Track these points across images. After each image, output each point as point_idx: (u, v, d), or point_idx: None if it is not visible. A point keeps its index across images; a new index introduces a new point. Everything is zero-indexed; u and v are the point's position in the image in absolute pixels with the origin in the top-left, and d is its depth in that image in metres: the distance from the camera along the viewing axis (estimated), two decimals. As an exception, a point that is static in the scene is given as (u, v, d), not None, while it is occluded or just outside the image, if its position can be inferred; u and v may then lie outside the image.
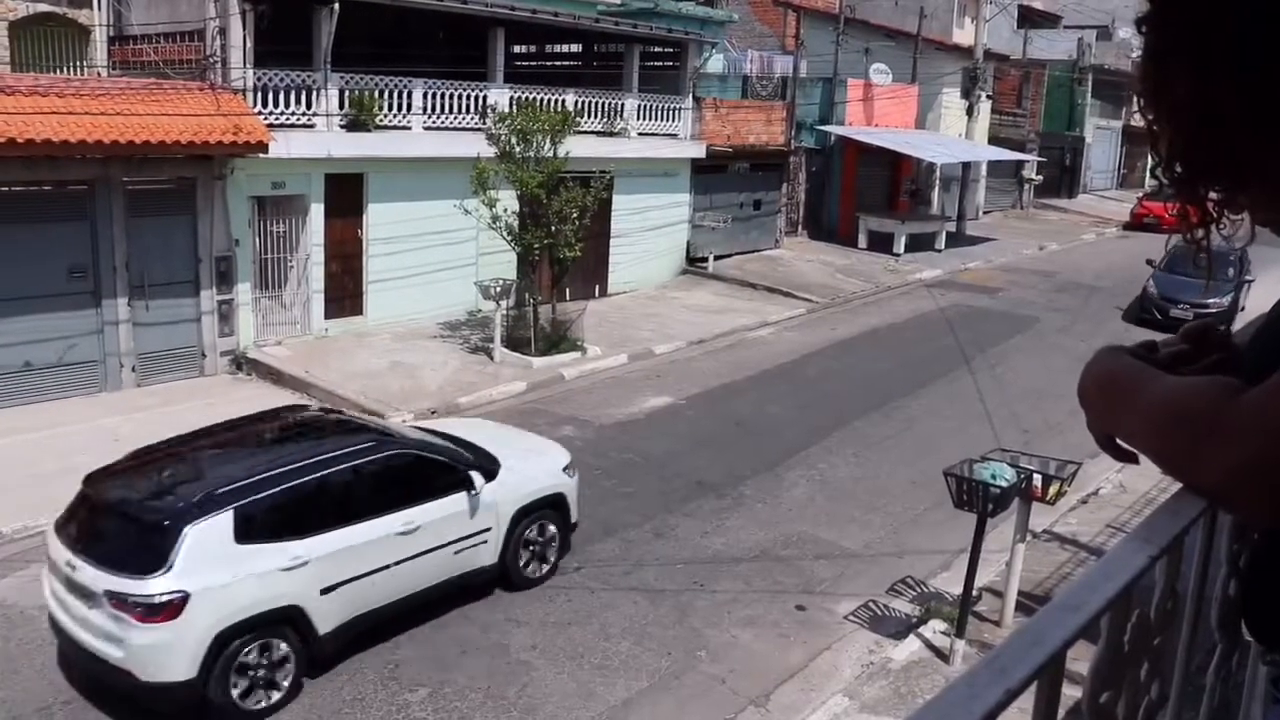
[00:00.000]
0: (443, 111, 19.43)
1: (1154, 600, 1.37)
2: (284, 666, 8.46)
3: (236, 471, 8.76)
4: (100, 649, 7.93)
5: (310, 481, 8.86)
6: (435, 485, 9.63)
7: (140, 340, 15.65)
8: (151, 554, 7.93)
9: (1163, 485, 13.41)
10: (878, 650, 9.72)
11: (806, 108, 30.48)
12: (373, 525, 9.03)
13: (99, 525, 8.51)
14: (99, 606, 7.87)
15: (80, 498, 8.76)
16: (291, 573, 8.41)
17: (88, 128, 14.19)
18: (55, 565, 8.37)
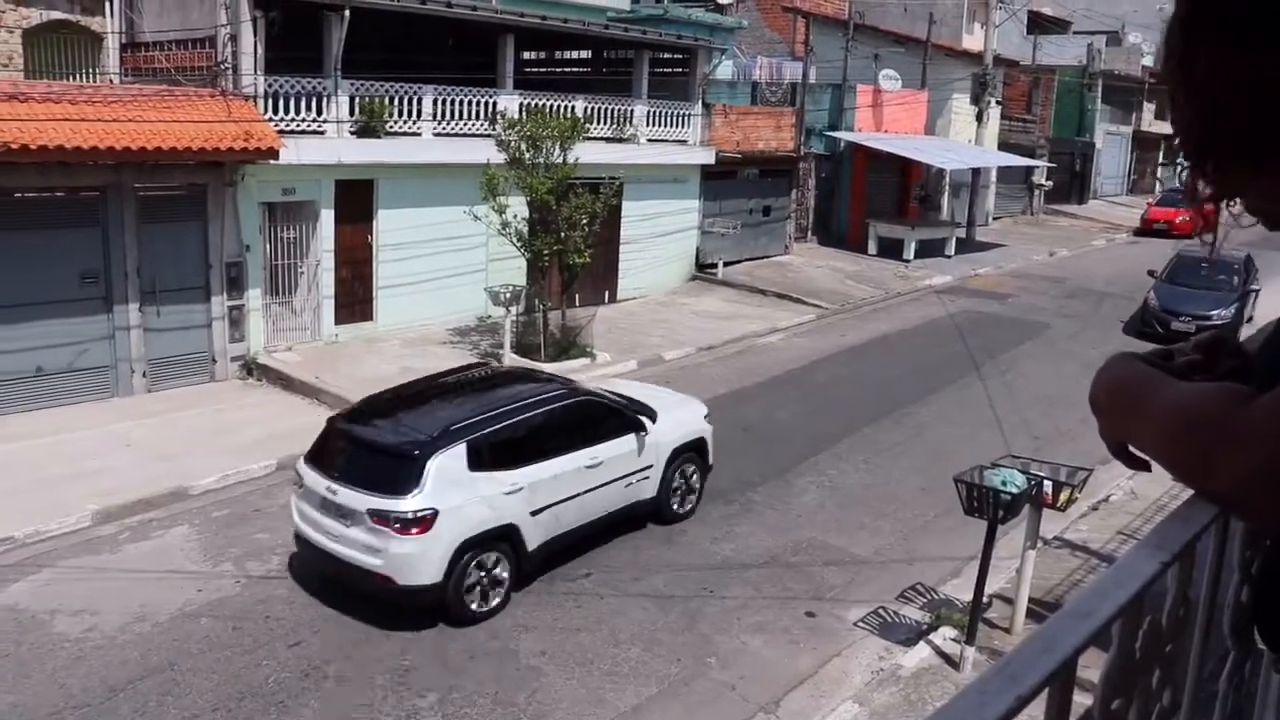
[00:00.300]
0: (453, 118, 19.47)
1: (1166, 607, 1.36)
2: (501, 577, 10.06)
3: (462, 413, 10.51)
4: (360, 559, 9.48)
5: (521, 421, 10.57)
6: (612, 427, 11.36)
7: (151, 346, 15.71)
8: (405, 479, 9.50)
9: (1174, 492, 13.35)
10: (888, 657, 9.69)
11: (816, 114, 30.48)
12: (567, 459, 10.68)
13: (353, 457, 10.02)
14: (360, 524, 9.47)
15: (325, 435, 10.47)
16: (509, 497, 10.05)
17: (100, 134, 14.25)
18: (310, 492, 9.95)
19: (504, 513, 10.02)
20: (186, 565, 10.74)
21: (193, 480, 12.57)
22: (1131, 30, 54.73)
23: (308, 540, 10.06)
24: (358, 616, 9.79)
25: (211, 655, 9.07)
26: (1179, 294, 22.32)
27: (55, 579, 10.34)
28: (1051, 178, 43.59)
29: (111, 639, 9.26)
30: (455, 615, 9.76)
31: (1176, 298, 22.18)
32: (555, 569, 10.87)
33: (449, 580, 9.57)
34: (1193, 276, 23.01)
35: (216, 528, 11.63)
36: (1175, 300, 22.08)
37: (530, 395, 11.07)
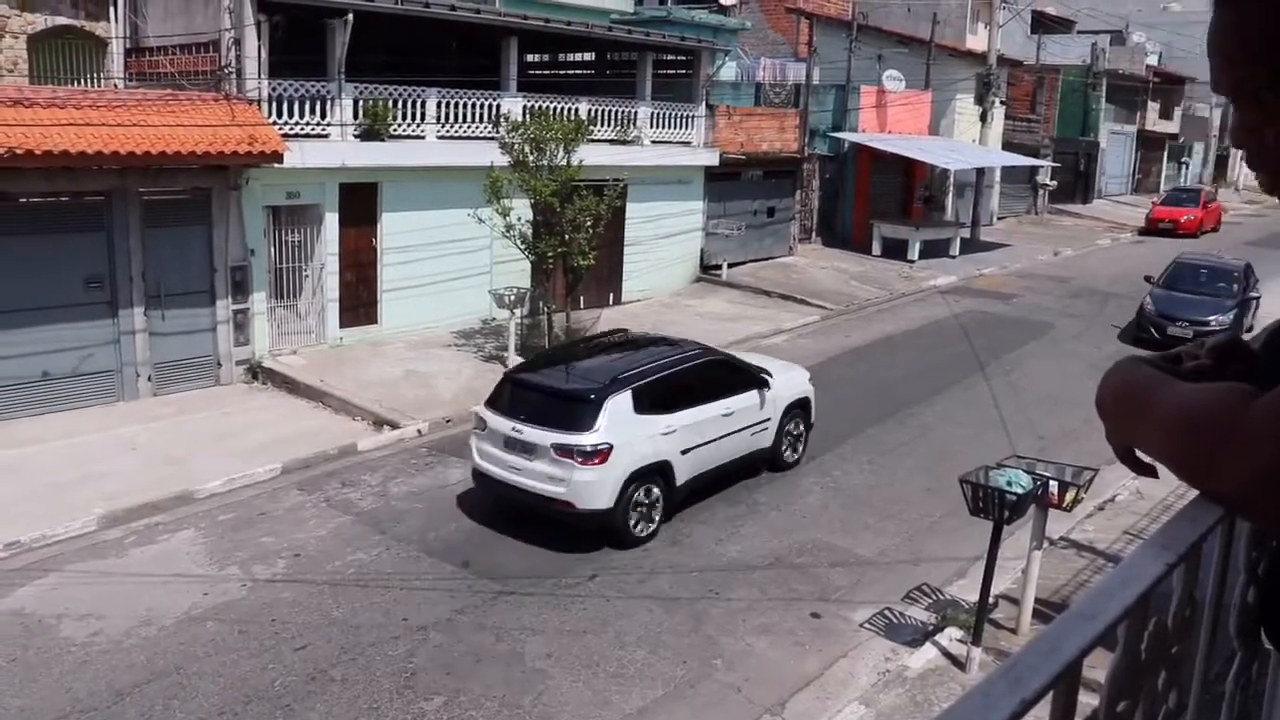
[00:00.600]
0: (456, 121, 19.49)
1: (1172, 608, 1.36)
2: (655, 506, 11.72)
3: (622, 366, 12.32)
4: (544, 489, 11.22)
5: (670, 374, 12.35)
6: (740, 384, 13.06)
7: (156, 350, 15.73)
8: (585, 418, 11.25)
9: (1180, 492, 13.32)
10: (894, 658, 9.68)
11: (820, 115, 30.47)
12: (707, 408, 12.39)
13: (536, 402, 11.70)
14: (544, 457, 11.18)
15: (503, 385, 12.33)
16: (664, 437, 11.78)
17: (105, 139, 14.29)
18: (494, 433, 11.68)
19: (660, 450, 11.76)
20: (192, 569, 10.75)
21: (198, 484, 12.58)
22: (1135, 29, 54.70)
23: (489, 475, 11.81)
24: (363, 619, 9.80)
25: (217, 659, 9.08)
26: (1176, 300, 21.87)
27: (61, 583, 10.35)
28: (1056, 177, 43.55)
29: (118, 643, 9.27)
30: (620, 538, 11.45)
31: (1174, 303, 21.73)
32: (561, 571, 10.88)
33: (618, 506, 11.26)
34: (1191, 282, 22.64)
35: (222, 531, 11.64)
36: (1172, 306, 21.65)
37: (672, 354, 12.98)
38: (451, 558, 11.10)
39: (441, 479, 13.29)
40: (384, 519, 12.05)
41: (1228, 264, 23.64)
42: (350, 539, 11.49)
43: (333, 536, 11.55)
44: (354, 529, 11.76)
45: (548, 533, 11.64)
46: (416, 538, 11.56)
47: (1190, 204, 40.55)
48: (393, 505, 12.47)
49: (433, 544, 11.41)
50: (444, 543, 11.46)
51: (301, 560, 10.96)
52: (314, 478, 13.24)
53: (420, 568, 10.89)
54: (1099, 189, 50.33)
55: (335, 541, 11.42)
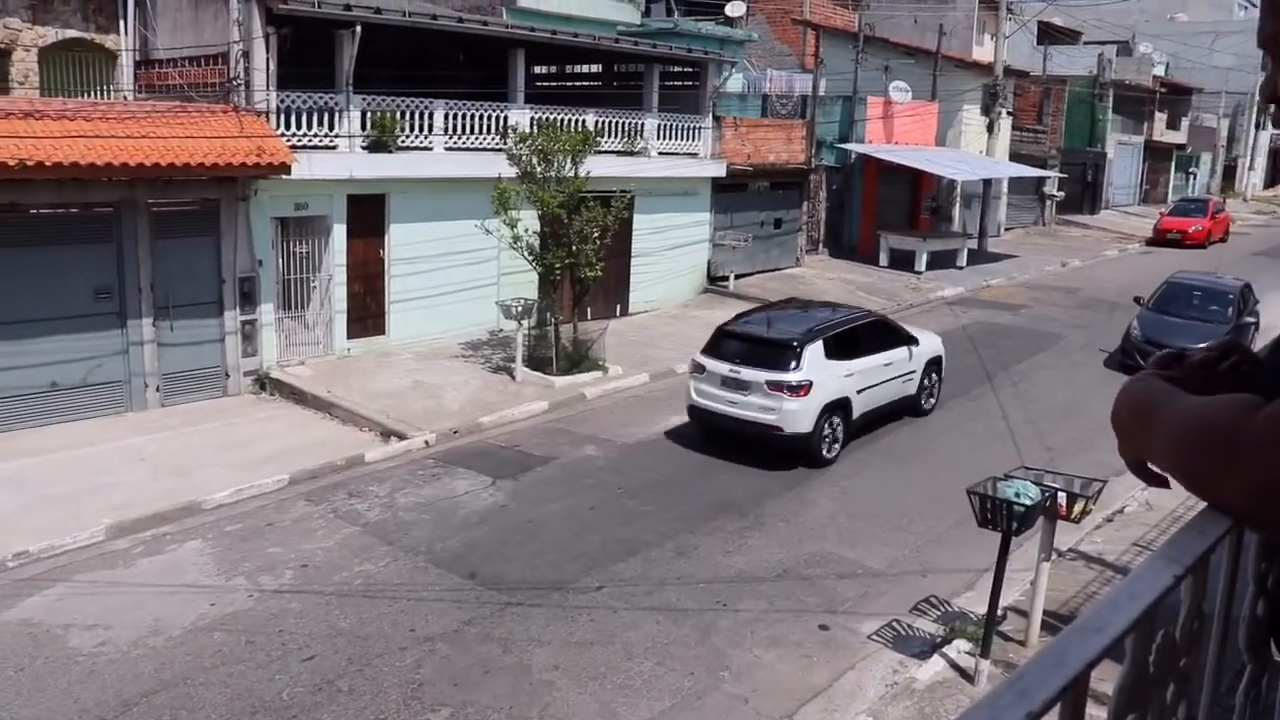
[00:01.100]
0: (464, 132, 19.54)
1: (1180, 620, 1.35)
2: (838, 434, 14.69)
3: (811, 322, 15.44)
4: (758, 417, 14.16)
5: (846, 329, 15.32)
6: (895, 341, 16.06)
7: (165, 360, 15.77)
8: (790, 360, 14.25)
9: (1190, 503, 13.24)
10: (902, 670, 9.65)
11: (826, 126, 30.49)
12: (874, 358, 15.38)
13: (747, 349, 14.69)
14: (757, 392, 14.15)
15: (716, 337, 15.24)
16: (846, 378, 14.74)
17: (114, 150, 14.35)
18: (712, 374, 14.56)
19: (843, 388, 14.68)
20: (200, 579, 10.76)
21: (206, 494, 12.60)
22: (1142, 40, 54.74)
23: (707, 409, 14.74)
24: (370, 630, 9.80)
25: (224, 669, 9.08)
26: (1165, 324, 20.10)
27: (69, 593, 10.37)
28: (1063, 188, 43.51)
29: (125, 653, 9.28)
30: (814, 458, 14.38)
31: (1162, 328, 19.90)
32: (568, 582, 10.87)
33: (815, 431, 14.19)
34: (1183, 305, 20.97)
35: (229, 542, 11.65)
36: (1160, 331, 19.78)
37: (844, 315, 16.19)
38: (458, 569, 11.10)
39: (449, 490, 13.30)
40: (391, 530, 12.06)
41: (1224, 284, 21.89)
42: (357, 550, 11.49)
43: (340, 547, 11.56)
44: (361, 540, 11.77)
45: (553, 541, 11.64)
46: (423, 548, 11.56)
47: (1198, 214, 40.45)
48: (400, 516, 12.48)
49: (440, 555, 11.41)
50: (451, 554, 11.46)
51: (309, 571, 10.96)
52: (321, 488, 13.25)
53: (427, 578, 10.89)
54: (1106, 199, 50.28)
55: (342, 552, 11.43)
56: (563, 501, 13.05)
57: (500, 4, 24.48)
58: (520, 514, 12.63)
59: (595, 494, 13.33)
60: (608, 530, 12.23)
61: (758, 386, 14.13)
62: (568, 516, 12.59)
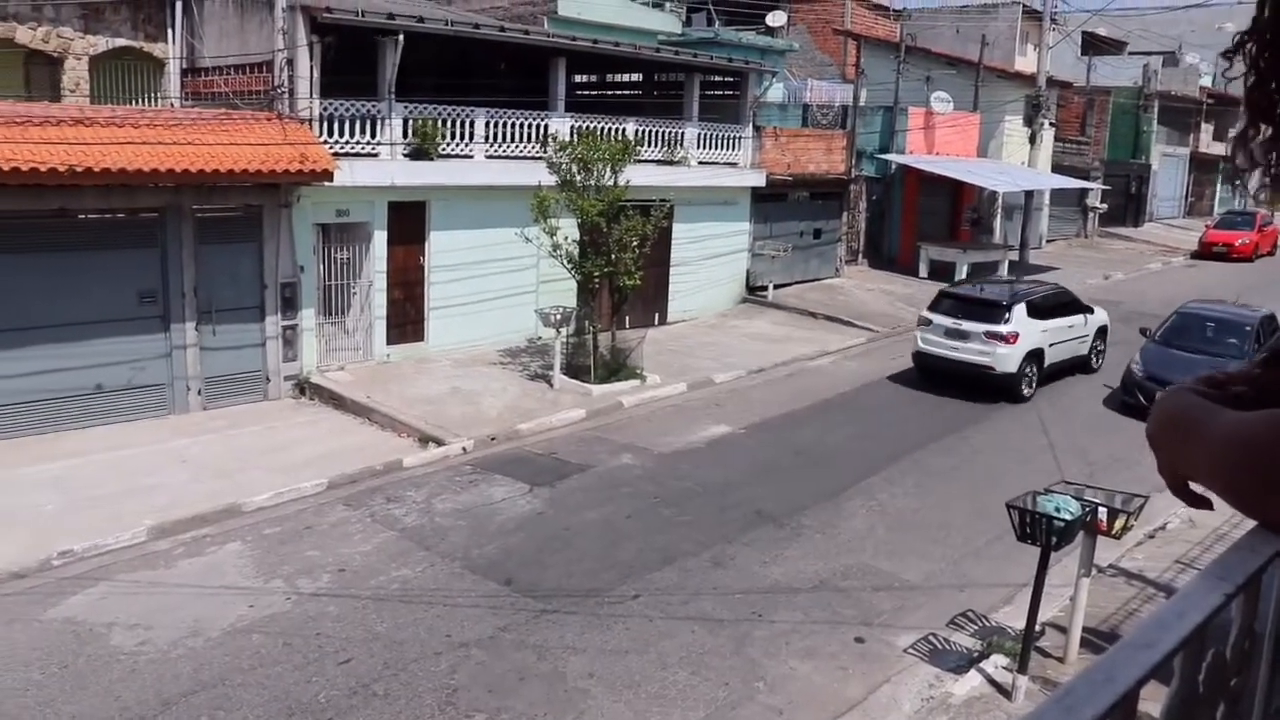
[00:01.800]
0: (504, 140, 19.64)
1: (1230, 640, 1.34)
2: (1033, 378, 18.67)
3: (1015, 289, 19.86)
4: (976, 360, 18.19)
5: (1041, 296, 19.53)
6: (1077, 309, 20.28)
7: (207, 364, 15.95)
8: (1002, 315, 18.29)
9: (1234, 520, 13.08)
10: (938, 684, 9.56)
11: (867, 136, 30.39)
12: (1061, 320, 19.51)
13: (967, 307, 18.87)
14: (976, 340, 18.17)
15: (939, 297, 19.60)
16: (1042, 333, 18.72)
17: (160, 157, 14.55)
18: (937, 326, 18.77)
19: (1040, 341, 18.70)
20: (239, 581, 10.86)
21: (246, 497, 12.73)
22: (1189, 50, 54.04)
23: (932, 354, 18.91)
24: (406, 635, 9.84)
25: (262, 671, 9.15)
26: (1171, 359, 17.91)
27: (111, 592, 10.50)
28: (1106, 200, 43.07)
29: (165, 653, 9.38)
30: (1015, 394, 18.28)
31: (1166, 364, 17.68)
32: (604, 590, 10.87)
33: (1018, 372, 18.21)
34: (1194, 338, 18.81)
35: (269, 545, 11.76)
36: (1165, 367, 17.56)
37: (1040, 286, 20.90)
38: (494, 575, 11.13)
39: (486, 496, 13.35)
40: (428, 535, 12.12)
41: (1242, 315, 19.68)
42: (394, 555, 11.56)
43: (377, 552, 11.63)
44: (398, 545, 11.84)
45: (589, 549, 11.66)
46: (460, 554, 11.60)
47: (1245, 227, 39.86)
48: (437, 522, 12.54)
49: (476, 561, 11.45)
50: (487, 560, 11.49)
51: (346, 575, 11.03)
52: (359, 493, 13.34)
53: (463, 584, 10.93)
54: (1150, 212, 49.71)
55: (379, 557, 11.50)
56: (599, 509, 13.06)
57: (542, 13, 24.59)
58: (557, 521, 12.65)
59: (632, 502, 13.33)
60: (644, 539, 12.22)
61: (976, 335, 18.19)
62: (604, 524, 12.60)
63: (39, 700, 8.58)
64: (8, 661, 9.13)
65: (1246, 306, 20.95)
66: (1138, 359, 18.61)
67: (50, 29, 18.90)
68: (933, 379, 18.99)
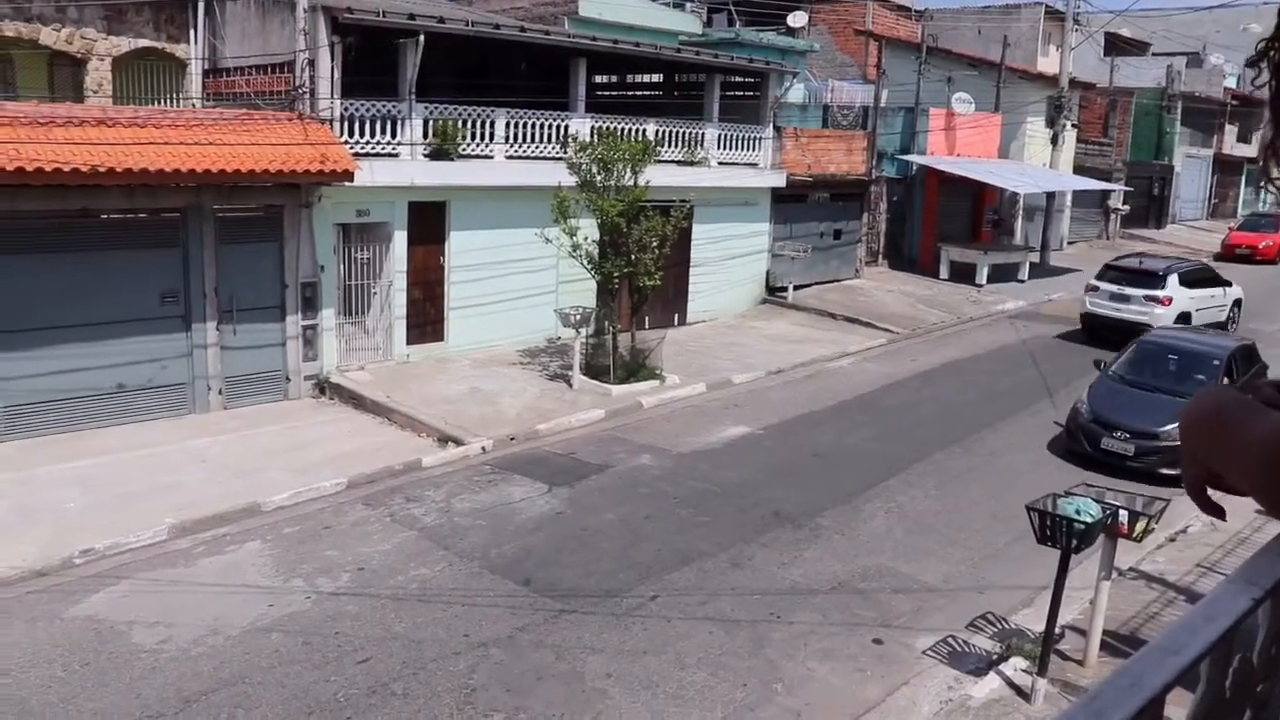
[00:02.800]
0: (525, 141, 19.66)
1: (1257, 645, 1.32)
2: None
3: (1170, 262, 24.66)
4: (1135, 319, 21.87)
5: (1189, 269, 24.44)
6: (1217, 282, 24.78)
7: (227, 364, 16.04)
8: (1160, 283, 22.86)
9: (1257, 524, 13.01)
10: (957, 687, 9.52)
11: (888, 137, 30.31)
12: (1204, 290, 23.97)
13: (1128, 275, 23.23)
14: (1136, 302, 22.62)
15: (1106, 268, 24.09)
16: (1190, 299, 23.10)
17: (182, 157, 14.63)
18: (1103, 290, 23.31)
19: (1188, 306, 23.11)
20: (259, 580, 10.91)
21: (265, 496, 12.78)
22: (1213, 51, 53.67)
23: (1098, 314, 23.43)
24: (425, 634, 9.87)
25: (281, 670, 9.19)
26: (1121, 399, 15.61)
27: (133, 590, 10.57)
28: (1128, 201, 42.82)
29: (185, 651, 9.43)
30: None
31: (1117, 404, 15.46)
32: (622, 591, 10.87)
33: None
34: (1154, 373, 16.36)
35: (288, 544, 11.81)
36: (1114, 408, 15.37)
37: (1185, 261, 26.35)
38: (513, 575, 11.15)
39: (505, 496, 13.37)
40: (447, 535, 12.14)
41: (1212, 347, 17.00)
42: (413, 554, 11.59)
43: (396, 551, 11.66)
44: (417, 544, 11.87)
45: (608, 549, 11.66)
46: (479, 554, 11.62)
47: (1268, 229, 39.58)
48: (455, 522, 12.56)
49: (494, 561, 11.47)
50: (505, 560, 11.51)
51: (365, 574, 11.07)
52: (378, 493, 13.38)
53: (482, 584, 10.95)
54: (1173, 213, 49.40)
55: (398, 556, 11.53)
56: (618, 510, 13.06)
57: (562, 13, 24.63)
58: (575, 521, 12.66)
59: (650, 503, 13.33)
60: (662, 539, 12.22)
61: (1137, 299, 22.60)
62: (623, 525, 12.60)
63: (62, 697, 8.64)
64: (31, 658, 9.20)
65: (1222, 334, 19.47)
66: (1084, 398, 15.97)
67: (74, 30, 19.04)
68: (1098, 335, 23.01)
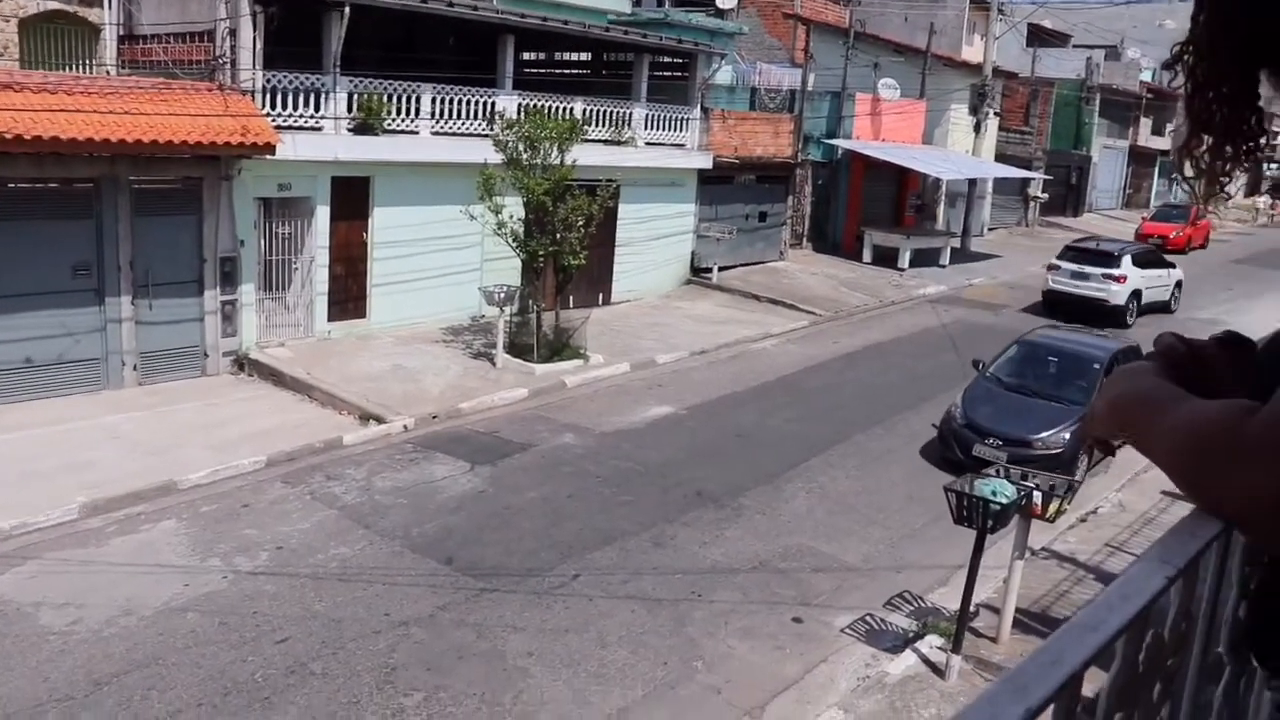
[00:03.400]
0: (451, 117, 19.45)
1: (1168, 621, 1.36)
2: (1133, 310, 25.31)
3: (1122, 246, 27.65)
4: (1093, 295, 24.87)
5: (1140, 252, 27.38)
6: (1163, 264, 27.24)
7: (143, 339, 15.66)
8: (1114, 263, 25.31)
9: (1161, 505, 13.42)
10: (874, 664, 9.70)
11: (814, 121, 30.52)
12: (1152, 270, 26.40)
13: (1087, 255, 25.71)
14: (1094, 280, 25.00)
15: (1065, 250, 26.41)
16: (1140, 278, 25.61)
17: (95, 126, 14.21)
18: (1064, 269, 25.59)
19: (1140, 284, 25.43)
20: (174, 560, 10.70)
21: (182, 474, 12.53)
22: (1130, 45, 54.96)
23: (1060, 291, 25.40)
24: (345, 614, 9.77)
25: (197, 650, 9.04)
26: (999, 401, 14.78)
27: (41, 571, 10.30)
28: (1047, 190, 43.70)
29: (96, 632, 9.22)
30: (1121, 320, 24.32)
31: (991, 409, 14.56)
32: (544, 570, 10.87)
33: (1125, 304, 24.80)
34: (1033, 375, 15.45)
35: (205, 523, 11.60)
36: (988, 413, 14.46)
37: (1136, 244, 30.14)
38: (434, 554, 11.08)
39: (427, 475, 13.27)
40: (367, 514, 12.03)
41: (1093, 349, 15.88)
42: (333, 533, 11.46)
43: (316, 530, 11.52)
44: (337, 523, 11.73)
45: (530, 528, 11.64)
46: (400, 533, 11.53)
47: (1179, 220, 40.70)
48: (376, 500, 12.44)
49: (416, 540, 11.39)
50: (427, 539, 11.44)
51: (284, 553, 10.92)
52: (298, 471, 13.20)
53: (403, 563, 10.87)
54: (1090, 203, 50.55)
55: (318, 535, 11.39)
56: (540, 489, 13.04)
57: (490, -11, 24.35)
58: (498, 500, 12.62)
59: (573, 482, 13.33)
60: (585, 519, 12.23)
61: (1095, 276, 24.88)
62: (545, 504, 12.59)
63: (-35, 679, 8.40)
64: (-67, 639, 8.93)
65: (1107, 335, 17.63)
66: (958, 401, 15.03)
67: (-20, -10, 18.38)
68: (1058, 310, 24.54)
